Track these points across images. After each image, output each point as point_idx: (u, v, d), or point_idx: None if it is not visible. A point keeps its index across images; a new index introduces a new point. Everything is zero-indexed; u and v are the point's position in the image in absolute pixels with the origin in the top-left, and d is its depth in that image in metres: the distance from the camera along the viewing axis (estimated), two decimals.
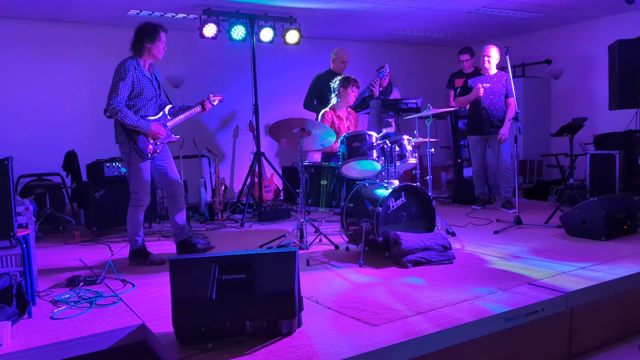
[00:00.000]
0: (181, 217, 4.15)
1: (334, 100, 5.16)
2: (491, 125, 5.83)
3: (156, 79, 4.06)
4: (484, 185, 6.17)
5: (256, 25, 6.29)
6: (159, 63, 7.27)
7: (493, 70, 5.85)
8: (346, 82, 5.06)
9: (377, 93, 6.10)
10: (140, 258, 4.00)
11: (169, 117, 4.09)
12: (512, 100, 5.70)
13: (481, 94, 5.73)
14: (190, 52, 7.07)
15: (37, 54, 6.24)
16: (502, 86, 5.80)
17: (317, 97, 6.15)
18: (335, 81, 5.15)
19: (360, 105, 6.21)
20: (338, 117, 5.15)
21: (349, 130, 5.18)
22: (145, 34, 3.86)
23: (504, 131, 5.75)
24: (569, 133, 5.35)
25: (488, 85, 5.81)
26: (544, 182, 7.52)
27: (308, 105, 6.21)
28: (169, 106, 4.14)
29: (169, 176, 4.10)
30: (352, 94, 5.10)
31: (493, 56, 5.78)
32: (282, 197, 7.23)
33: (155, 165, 4.07)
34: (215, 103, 4.27)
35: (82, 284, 3.42)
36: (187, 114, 4.14)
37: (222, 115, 7.40)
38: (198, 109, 4.18)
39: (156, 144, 3.95)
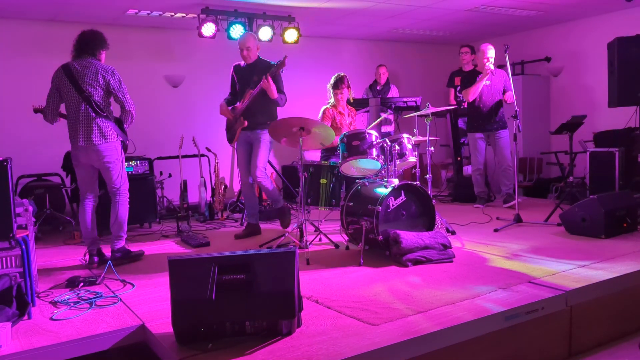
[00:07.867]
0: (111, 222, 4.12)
1: (332, 99, 5.18)
2: (492, 122, 5.85)
3: None
4: (483, 183, 6.16)
5: (255, 24, 6.29)
6: (160, 61, 7.25)
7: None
8: (335, 86, 5.11)
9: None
10: (129, 259, 4.09)
11: None
12: (511, 93, 5.68)
13: (490, 70, 5.65)
14: (188, 52, 7.06)
15: (36, 54, 6.22)
16: (501, 83, 5.84)
17: None
18: (330, 83, 5.19)
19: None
20: (339, 112, 5.18)
21: (351, 125, 5.20)
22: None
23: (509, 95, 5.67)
24: (568, 131, 5.35)
25: (489, 82, 5.81)
26: (543, 180, 7.51)
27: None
28: None
29: None
30: (342, 96, 5.13)
31: (493, 56, 5.78)
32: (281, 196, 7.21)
33: None
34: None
35: (81, 284, 3.43)
36: None
37: (221, 114, 7.38)
38: None
39: None
